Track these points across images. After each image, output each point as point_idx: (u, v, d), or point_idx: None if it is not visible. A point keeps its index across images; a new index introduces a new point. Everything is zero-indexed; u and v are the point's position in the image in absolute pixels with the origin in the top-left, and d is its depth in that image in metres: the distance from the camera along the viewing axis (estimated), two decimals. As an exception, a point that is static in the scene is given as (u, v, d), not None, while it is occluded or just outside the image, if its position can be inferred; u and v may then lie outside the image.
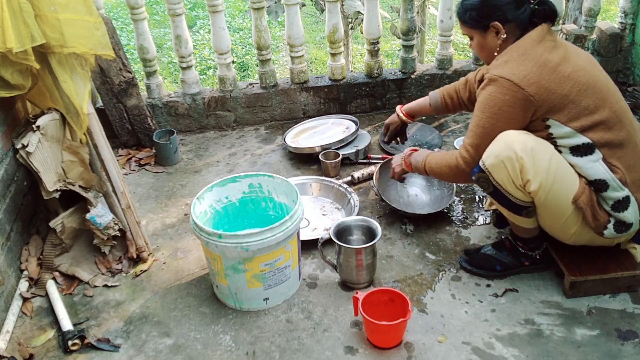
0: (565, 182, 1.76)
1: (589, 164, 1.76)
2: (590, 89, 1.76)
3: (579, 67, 1.78)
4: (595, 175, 1.76)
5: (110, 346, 1.88)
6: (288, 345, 1.84)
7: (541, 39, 1.80)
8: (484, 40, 1.91)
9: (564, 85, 1.74)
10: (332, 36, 3.22)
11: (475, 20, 1.88)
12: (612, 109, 1.78)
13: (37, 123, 2.07)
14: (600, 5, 3.31)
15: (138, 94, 3.00)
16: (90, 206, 2.17)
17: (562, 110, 1.75)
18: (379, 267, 2.12)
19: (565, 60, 1.78)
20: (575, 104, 1.74)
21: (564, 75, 1.75)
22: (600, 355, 1.73)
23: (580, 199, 1.75)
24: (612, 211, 1.78)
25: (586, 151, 1.76)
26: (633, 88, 3.35)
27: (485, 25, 1.86)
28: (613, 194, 1.76)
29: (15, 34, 1.79)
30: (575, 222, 1.81)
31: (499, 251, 2.06)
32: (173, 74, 7.34)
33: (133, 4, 3.01)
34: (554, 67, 1.75)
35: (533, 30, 1.82)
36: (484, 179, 1.81)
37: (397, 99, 3.37)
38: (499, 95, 1.77)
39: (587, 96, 1.75)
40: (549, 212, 1.82)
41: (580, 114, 1.75)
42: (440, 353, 1.77)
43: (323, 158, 2.75)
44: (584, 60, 1.84)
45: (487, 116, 1.81)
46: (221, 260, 1.88)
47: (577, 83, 1.75)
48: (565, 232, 1.86)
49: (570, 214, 1.79)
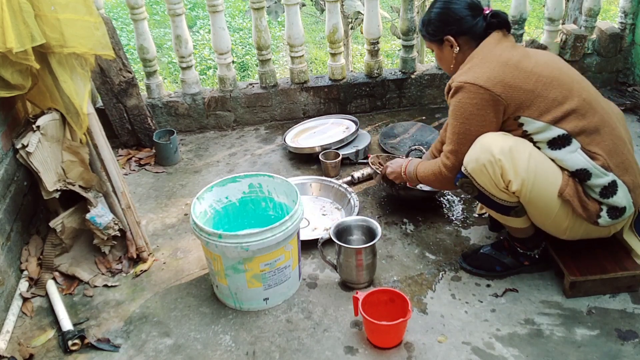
0: (547, 178, 1.76)
1: (567, 155, 1.77)
2: (555, 81, 1.79)
3: (541, 62, 1.83)
4: (576, 165, 1.77)
5: (110, 346, 1.88)
6: (288, 345, 1.84)
7: (497, 42, 1.87)
8: (441, 53, 2.00)
9: (529, 80, 1.78)
10: (332, 36, 3.22)
11: (431, 34, 1.98)
12: (581, 96, 1.79)
13: (37, 123, 2.08)
14: (600, 5, 3.31)
15: (138, 94, 3.00)
16: (90, 206, 2.17)
17: (531, 105, 1.77)
18: (379, 267, 2.12)
19: (526, 57, 1.83)
20: (543, 97, 1.77)
21: (527, 71, 1.79)
22: (600, 355, 1.73)
23: (565, 191, 1.76)
24: (602, 198, 1.78)
25: (563, 143, 1.77)
26: (633, 88, 3.35)
27: (440, 39, 1.95)
28: (597, 181, 1.77)
29: (15, 34, 1.79)
30: (566, 216, 1.81)
31: (498, 251, 2.06)
32: (173, 74, 7.34)
33: (133, 4, 3.01)
34: (515, 63, 1.80)
35: (487, 38, 1.89)
36: (467, 184, 1.85)
37: (397, 99, 3.37)
38: (467, 100, 1.81)
39: (553, 88, 1.78)
40: (537, 210, 1.83)
41: (550, 106, 1.77)
42: (440, 353, 1.77)
43: (323, 158, 2.75)
44: (545, 56, 1.89)
45: (460, 122, 1.85)
46: (221, 260, 1.88)
47: (541, 77, 1.79)
48: (558, 228, 1.86)
49: (558, 208, 1.79)
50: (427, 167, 2.06)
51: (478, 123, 1.81)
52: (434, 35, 1.97)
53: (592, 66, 3.38)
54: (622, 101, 3.25)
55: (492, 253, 2.06)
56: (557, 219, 1.82)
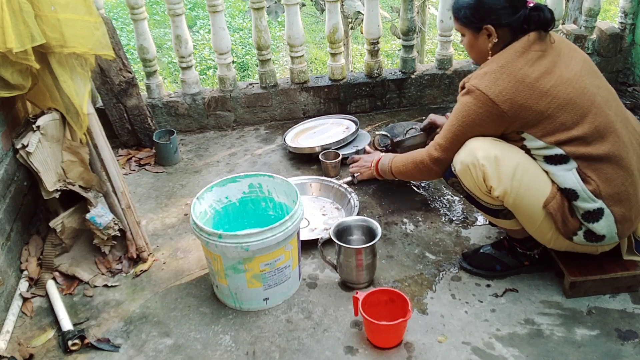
0: (535, 188, 1.75)
1: (561, 172, 1.75)
2: (571, 104, 1.72)
3: (563, 80, 1.74)
4: (566, 184, 1.75)
5: (110, 346, 1.88)
6: (288, 345, 1.84)
7: (525, 50, 1.76)
8: (475, 41, 1.88)
9: (541, 101, 1.72)
10: (332, 36, 3.22)
11: (469, 19, 1.85)
12: (593, 124, 1.72)
13: (37, 123, 2.07)
14: (600, 5, 3.31)
15: (138, 94, 3.00)
16: (90, 206, 2.17)
17: (537, 125, 1.74)
18: (379, 267, 2.12)
19: (548, 73, 1.73)
20: (552, 119, 1.72)
21: (542, 91, 1.72)
22: (600, 355, 1.73)
23: (550, 204, 1.75)
24: (583, 220, 1.76)
25: (560, 160, 1.75)
26: (633, 88, 3.35)
27: (478, 26, 1.84)
28: (583, 205, 1.74)
29: (15, 34, 1.79)
30: (550, 227, 1.80)
31: (498, 251, 2.06)
32: (173, 74, 7.34)
33: (133, 4, 3.01)
34: (532, 82, 1.72)
35: (517, 41, 1.78)
36: (457, 184, 1.88)
37: (397, 99, 3.37)
38: (473, 107, 1.78)
39: (565, 112, 1.72)
40: (522, 217, 1.83)
41: (557, 129, 1.73)
42: (440, 353, 1.77)
43: (323, 158, 2.75)
44: (575, 67, 1.78)
45: (460, 124, 1.83)
46: (221, 260, 1.88)
47: (556, 99, 1.72)
48: (542, 237, 1.86)
49: (542, 219, 1.78)
50: (407, 156, 2.06)
51: (476, 131, 1.81)
52: (471, 21, 1.83)
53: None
54: (622, 101, 3.25)
55: (492, 253, 2.06)
56: (541, 228, 1.82)
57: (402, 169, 2.09)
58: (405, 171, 2.08)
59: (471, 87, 1.79)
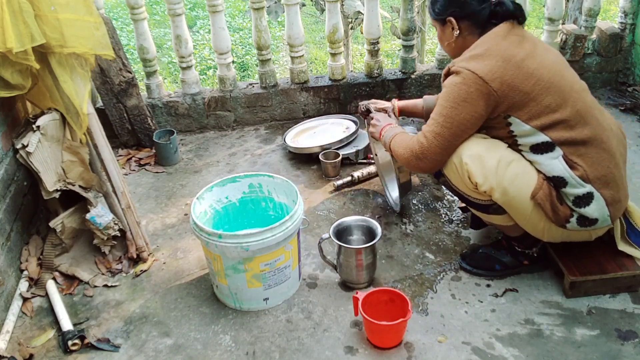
0: (520, 180, 1.77)
1: (547, 161, 1.77)
2: (553, 87, 1.76)
3: (544, 64, 1.78)
4: (553, 172, 1.77)
5: (110, 346, 1.88)
6: (288, 345, 1.84)
7: (505, 34, 1.81)
8: (442, 34, 1.98)
9: (527, 82, 1.75)
10: (332, 36, 3.22)
11: (437, 13, 1.94)
12: (575, 107, 1.76)
13: (37, 123, 2.08)
14: (600, 5, 3.31)
15: (138, 94, 3.00)
16: (90, 206, 2.17)
17: (523, 107, 1.76)
18: (379, 267, 2.12)
19: (531, 56, 1.78)
20: (537, 102, 1.75)
21: (528, 72, 1.75)
22: (600, 355, 1.73)
23: (538, 195, 1.77)
24: (574, 206, 1.79)
25: (546, 149, 1.77)
26: (633, 88, 3.35)
27: (442, 19, 1.92)
28: (572, 190, 1.77)
29: (15, 34, 1.79)
30: (541, 217, 1.82)
31: (497, 250, 2.06)
32: (173, 74, 7.34)
33: (133, 4, 3.01)
34: (518, 62, 1.76)
35: (497, 27, 1.83)
36: (446, 182, 1.92)
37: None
38: (463, 86, 1.77)
39: (549, 94, 1.76)
40: (512, 210, 1.84)
41: (541, 112, 1.75)
42: (440, 353, 1.77)
43: (323, 158, 2.75)
44: (552, 56, 1.84)
45: (451, 105, 1.80)
46: (221, 260, 1.88)
47: (540, 80, 1.76)
48: (535, 229, 1.87)
49: (532, 210, 1.80)
50: (403, 139, 2.00)
51: (467, 111, 1.78)
52: (438, 14, 1.93)
53: (592, 66, 3.38)
54: (622, 101, 3.25)
55: (492, 252, 2.06)
56: (532, 220, 1.83)
57: (395, 150, 2.02)
58: (397, 154, 2.01)
59: (459, 69, 1.80)
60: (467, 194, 1.88)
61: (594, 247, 1.99)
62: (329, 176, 2.76)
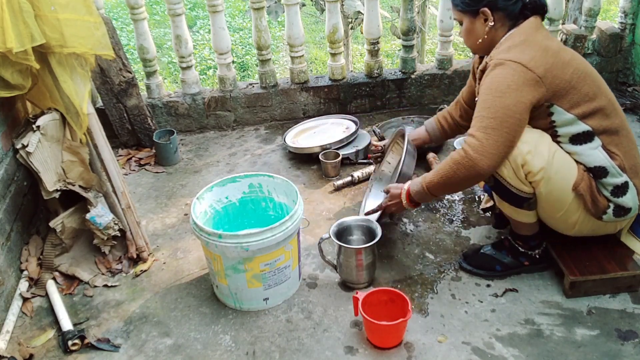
0: (565, 171, 1.78)
1: (588, 151, 1.79)
2: (589, 77, 1.79)
3: (575, 56, 1.82)
4: (595, 162, 1.79)
5: (110, 346, 1.87)
6: (288, 345, 1.84)
7: (538, 27, 1.83)
8: (472, 26, 1.91)
9: (566, 70, 1.76)
10: (332, 36, 3.22)
11: (466, 4, 1.88)
12: (608, 96, 1.82)
13: (37, 123, 2.07)
14: (600, 5, 3.31)
15: (138, 94, 3.00)
16: (90, 206, 2.17)
17: (565, 95, 1.76)
18: (379, 267, 2.12)
19: (563, 48, 1.82)
20: (577, 90, 1.77)
21: (565, 61, 1.77)
22: (600, 355, 1.73)
23: (580, 185, 1.78)
24: (612, 196, 1.81)
25: (586, 139, 1.79)
26: (633, 88, 3.35)
27: (475, 10, 1.87)
28: (612, 180, 1.79)
29: (15, 34, 1.79)
30: (576, 210, 1.83)
31: (498, 251, 2.06)
32: (173, 74, 7.35)
33: (133, 4, 3.01)
34: (555, 52, 1.77)
35: (528, 21, 1.83)
36: None
37: (397, 99, 3.37)
38: (507, 76, 1.73)
39: (586, 83, 1.78)
40: (550, 202, 1.83)
41: (581, 100, 1.77)
42: (440, 353, 1.77)
43: (323, 158, 2.75)
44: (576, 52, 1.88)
45: (496, 95, 1.72)
46: (221, 260, 1.88)
47: (577, 70, 1.78)
48: (566, 222, 1.88)
49: (570, 202, 1.81)
50: (440, 166, 1.83)
51: (514, 99, 1.70)
52: (468, 5, 1.86)
53: (592, 66, 3.37)
54: (622, 101, 3.25)
55: (493, 253, 2.06)
56: (567, 213, 1.84)
57: (438, 180, 1.83)
58: (445, 181, 1.81)
59: (501, 60, 1.77)
60: (512, 185, 1.80)
61: (594, 247, 1.99)
62: (329, 176, 2.76)
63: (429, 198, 1.92)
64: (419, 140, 2.40)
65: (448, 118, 2.34)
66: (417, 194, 1.92)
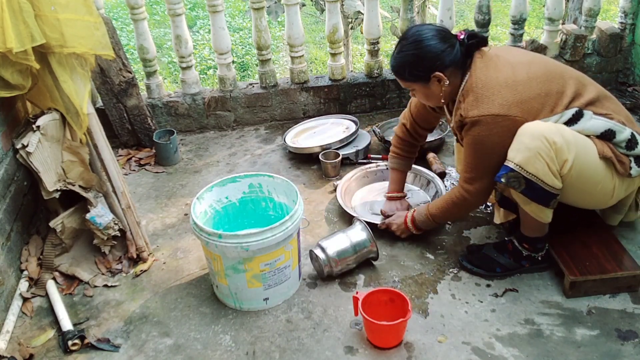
0: (586, 146, 1.83)
1: (587, 123, 1.84)
2: (549, 74, 1.85)
3: (524, 64, 1.87)
4: (599, 129, 1.84)
5: (110, 346, 1.88)
6: (288, 345, 1.84)
7: (486, 64, 1.87)
8: (428, 90, 1.95)
9: (531, 87, 1.82)
10: (332, 36, 3.22)
11: (415, 76, 1.91)
12: (572, 77, 1.88)
13: (37, 123, 2.07)
14: (600, 5, 3.31)
15: (138, 94, 3.00)
16: (90, 206, 2.17)
17: (543, 107, 1.83)
18: (379, 267, 2.12)
19: (514, 67, 1.85)
20: (548, 94, 1.83)
21: (525, 80, 1.82)
22: (600, 355, 1.73)
23: (604, 151, 1.82)
24: (628, 151, 1.86)
25: (577, 117, 1.84)
26: (633, 88, 3.34)
27: (427, 77, 1.89)
28: (621, 136, 1.85)
29: (15, 34, 1.79)
30: (611, 176, 1.87)
31: (500, 253, 2.06)
32: (173, 74, 7.34)
33: (133, 4, 3.01)
34: (514, 79, 1.82)
35: (474, 63, 1.88)
36: (514, 178, 1.78)
37: (397, 99, 3.37)
38: (486, 132, 1.82)
39: (550, 82, 1.84)
40: (585, 181, 1.84)
41: (557, 99, 1.84)
42: (440, 353, 1.77)
43: (323, 158, 2.75)
44: (521, 56, 1.92)
45: (482, 155, 1.87)
46: (221, 260, 1.88)
47: (537, 77, 1.83)
48: (605, 193, 1.90)
49: (603, 171, 1.84)
50: (443, 203, 2.08)
51: (500, 151, 1.82)
52: (417, 76, 1.90)
53: (592, 66, 3.37)
54: (622, 101, 3.23)
55: (494, 255, 2.06)
56: (604, 183, 1.86)
57: (442, 215, 2.10)
58: (449, 216, 2.13)
59: (474, 119, 1.82)
60: (544, 182, 1.77)
61: (594, 247, 2.00)
62: (329, 176, 2.76)
63: (432, 225, 2.18)
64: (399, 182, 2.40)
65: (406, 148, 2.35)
66: (420, 221, 2.16)
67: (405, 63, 1.90)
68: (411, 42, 1.88)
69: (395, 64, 1.94)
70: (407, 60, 1.89)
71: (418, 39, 1.87)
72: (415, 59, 1.88)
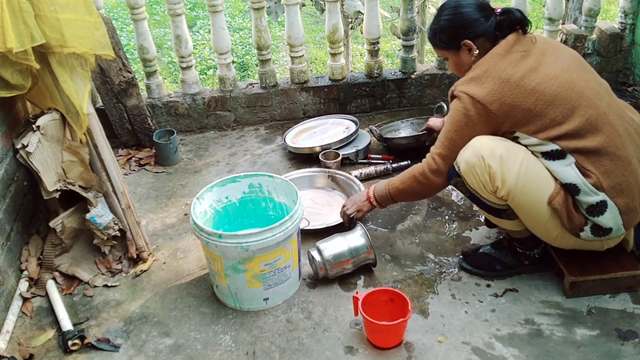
0: (538, 185, 1.76)
1: (560, 167, 1.75)
2: (559, 99, 1.74)
3: (549, 76, 1.76)
4: (566, 179, 1.74)
5: (110, 346, 1.88)
6: (288, 345, 1.84)
7: (506, 52, 1.81)
8: (459, 59, 1.94)
9: (528, 99, 1.74)
10: (332, 36, 3.22)
11: (446, 42, 1.92)
12: (584, 117, 1.73)
13: (37, 123, 2.08)
14: (600, 5, 3.31)
15: (138, 94, 3.00)
16: (90, 206, 2.17)
17: (528, 123, 1.76)
18: (379, 267, 2.12)
19: (532, 72, 1.77)
20: (541, 116, 1.74)
21: (529, 89, 1.74)
22: (600, 355, 1.73)
23: (555, 200, 1.75)
24: (588, 215, 1.76)
25: (558, 156, 1.75)
26: (633, 88, 3.34)
27: (457, 45, 1.90)
28: (586, 198, 1.74)
29: (15, 34, 1.79)
30: (556, 225, 1.80)
31: (498, 250, 2.06)
32: (173, 74, 7.34)
33: (133, 4, 3.01)
34: (517, 81, 1.75)
35: (498, 45, 1.84)
36: (460, 183, 1.86)
37: (397, 99, 3.37)
38: (463, 110, 1.81)
39: (554, 107, 1.74)
40: (527, 215, 1.82)
41: (548, 125, 1.74)
42: (440, 353, 1.77)
43: (323, 158, 2.75)
44: (561, 64, 1.80)
45: (454, 129, 1.85)
46: (221, 260, 1.88)
47: (543, 95, 1.74)
48: (548, 235, 1.86)
49: (549, 216, 1.78)
50: (404, 174, 2.03)
51: (469, 134, 1.81)
52: (449, 42, 1.91)
53: (592, 66, 3.32)
54: (622, 101, 3.25)
55: (492, 252, 2.06)
56: (547, 226, 1.82)
57: (401, 187, 2.03)
58: (405, 189, 2.02)
59: (459, 93, 1.83)
60: (483, 197, 1.83)
61: (594, 247, 1.99)
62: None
63: (390, 201, 2.12)
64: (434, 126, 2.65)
65: None
66: (380, 196, 2.12)
67: (439, 28, 1.92)
68: (448, 8, 1.91)
69: (430, 30, 1.96)
70: (440, 25, 1.92)
71: (455, 5, 1.89)
72: (449, 24, 1.89)
